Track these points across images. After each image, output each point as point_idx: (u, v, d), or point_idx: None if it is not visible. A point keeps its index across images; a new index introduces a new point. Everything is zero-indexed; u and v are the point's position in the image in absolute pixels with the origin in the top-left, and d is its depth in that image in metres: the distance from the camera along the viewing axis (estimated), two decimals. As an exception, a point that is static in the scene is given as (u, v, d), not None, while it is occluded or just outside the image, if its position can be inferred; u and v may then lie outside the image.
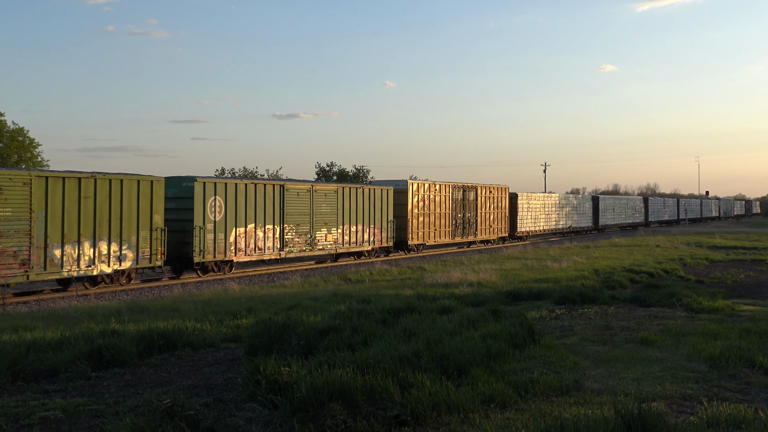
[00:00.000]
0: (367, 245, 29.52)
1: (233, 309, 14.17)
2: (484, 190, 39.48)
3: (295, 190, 25.62)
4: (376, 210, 29.95)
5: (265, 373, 7.10)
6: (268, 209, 24.26)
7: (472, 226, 38.17)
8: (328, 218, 27.21)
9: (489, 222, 40.07)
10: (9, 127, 44.58)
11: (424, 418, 6.51)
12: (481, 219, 39.04)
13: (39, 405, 7.26)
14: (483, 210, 39.35)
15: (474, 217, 38.33)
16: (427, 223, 34.03)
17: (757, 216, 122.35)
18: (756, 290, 18.21)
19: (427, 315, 11.68)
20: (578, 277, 20.60)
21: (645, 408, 6.02)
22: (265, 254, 24.08)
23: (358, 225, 28.97)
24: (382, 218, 30.39)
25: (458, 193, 36.89)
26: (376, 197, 30.03)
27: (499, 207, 41.20)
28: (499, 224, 41.24)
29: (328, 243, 27.25)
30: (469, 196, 37.82)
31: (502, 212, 41.70)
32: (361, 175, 67.10)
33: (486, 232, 39.83)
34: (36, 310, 15.53)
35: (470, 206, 37.90)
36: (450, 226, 36.00)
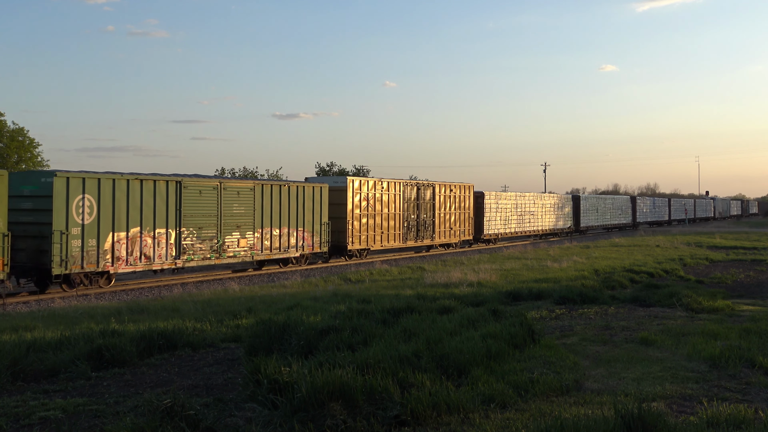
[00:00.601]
0: (294, 251, 25.63)
1: (233, 309, 14.17)
2: (443, 189, 35.73)
3: (196, 188, 21.64)
4: (306, 210, 26.11)
5: (265, 373, 7.10)
6: (160, 210, 20.36)
7: (429, 229, 34.47)
8: (242, 220, 23.24)
9: (450, 224, 36.23)
10: (9, 127, 44.59)
11: (424, 418, 6.51)
12: (440, 220, 35.28)
13: (39, 405, 7.26)
14: (442, 210, 35.53)
15: (431, 219, 34.61)
16: (373, 225, 30.27)
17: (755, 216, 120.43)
18: (756, 290, 18.22)
19: (427, 315, 11.67)
20: (578, 277, 20.60)
21: (645, 408, 6.02)
22: (154, 263, 20.25)
23: (283, 228, 25.08)
24: (314, 220, 26.52)
25: (411, 191, 33.14)
26: (306, 196, 26.21)
27: (462, 207, 37.35)
28: (462, 226, 37.38)
29: (242, 249, 23.22)
30: (425, 195, 34.15)
31: (466, 213, 37.87)
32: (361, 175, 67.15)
33: (446, 234, 35.96)
34: (36, 310, 15.53)
35: (426, 206, 34.25)
36: (401, 228, 32.25)
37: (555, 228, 49.65)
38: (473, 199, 38.99)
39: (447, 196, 36.06)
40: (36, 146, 45.72)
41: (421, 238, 33.92)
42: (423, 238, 34.08)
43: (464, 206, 37.66)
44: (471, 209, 38.38)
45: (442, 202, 35.52)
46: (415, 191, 33.45)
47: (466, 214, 37.86)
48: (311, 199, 26.54)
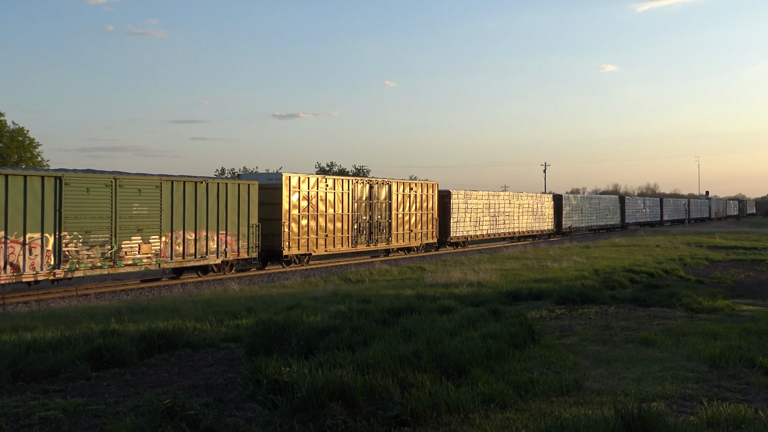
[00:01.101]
0: (214, 257, 22.32)
1: (233, 309, 14.17)
2: (401, 187, 32.64)
3: (82, 185, 18.42)
4: (230, 211, 22.82)
5: (265, 373, 7.10)
6: (33, 211, 17.17)
7: (384, 231, 31.22)
8: (144, 222, 19.90)
9: (410, 225, 33.12)
10: (9, 127, 44.64)
11: (424, 418, 6.51)
12: (397, 222, 32.15)
13: (39, 405, 7.26)
14: (400, 211, 32.39)
15: (387, 220, 31.35)
16: (315, 227, 27.12)
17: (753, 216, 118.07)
18: (756, 290, 18.22)
19: (427, 315, 11.68)
20: (578, 277, 20.60)
21: (645, 408, 6.02)
22: (25, 274, 16.99)
23: (200, 231, 21.74)
24: (240, 222, 23.21)
25: (363, 189, 30.01)
26: (230, 194, 22.89)
27: (424, 208, 34.26)
28: (425, 228, 34.26)
29: (144, 256, 19.89)
30: (379, 194, 30.96)
31: (429, 214, 34.71)
32: (361, 175, 67.16)
33: (405, 237, 32.81)
34: (36, 310, 15.53)
35: (382, 206, 31.06)
36: (350, 231, 29.03)
37: (533, 230, 46.57)
38: (438, 198, 35.85)
39: (406, 195, 32.93)
40: (36, 146, 45.83)
41: (374, 241, 30.59)
42: (377, 242, 30.81)
43: (427, 206, 34.55)
44: (435, 210, 35.23)
45: (400, 202, 32.46)
46: (368, 190, 30.25)
47: (429, 215, 34.73)
48: (236, 198, 23.15)
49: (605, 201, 60.60)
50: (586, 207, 55.68)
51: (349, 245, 29.15)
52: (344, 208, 28.82)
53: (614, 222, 61.55)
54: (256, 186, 24.32)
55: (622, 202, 64.10)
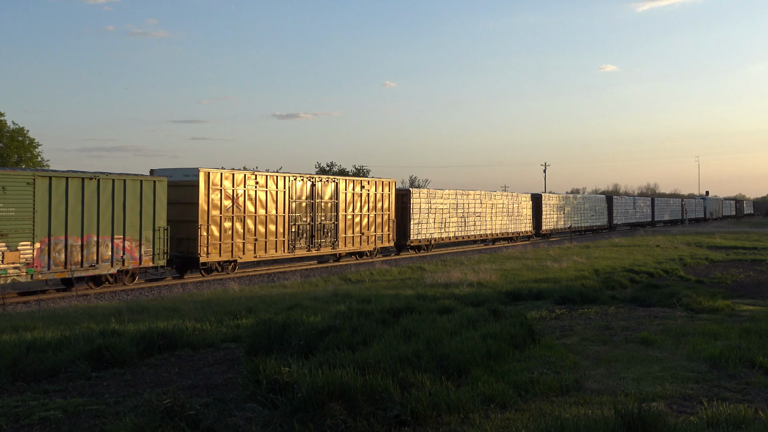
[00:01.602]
0: (108, 266, 19.08)
1: (233, 309, 14.16)
2: (350, 185, 29.43)
3: None
4: (130, 212, 19.50)
5: (265, 373, 7.10)
6: None
7: (329, 235, 28.00)
8: (10, 225, 16.72)
9: (361, 228, 29.89)
10: (9, 127, 44.63)
11: (424, 418, 6.51)
12: (346, 224, 28.93)
13: (39, 405, 7.26)
14: (350, 212, 29.18)
15: (333, 222, 28.16)
16: (242, 231, 23.71)
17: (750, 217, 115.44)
18: (756, 290, 18.21)
19: (427, 315, 11.68)
20: (578, 277, 20.60)
21: (645, 408, 6.02)
22: None
23: (89, 235, 18.53)
24: (142, 224, 19.85)
25: (303, 187, 26.68)
26: (130, 193, 19.54)
27: (379, 208, 31.03)
28: (380, 231, 31.04)
29: (11, 266, 16.73)
30: (323, 193, 27.72)
31: (386, 215, 31.47)
32: (361, 175, 67.15)
33: (356, 241, 29.62)
34: (36, 310, 15.53)
35: (326, 207, 27.87)
36: (286, 234, 25.58)
37: (509, 232, 43.09)
38: (396, 198, 32.81)
39: (356, 194, 29.65)
40: (36, 146, 45.80)
41: (317, 246, 27.26)
42: (320, 246, 27.50)
43: (383, 207, 31.32)
44: (392, 211, 32.05)
45: (349, 202, 29.20)
46: (309, 188, 26.99)
47: (385, 217, 31.47)
48: (137, 198, 19.80)
49: (590, 201, 56.92)
50: (569, 207, 51.80)
51: (285, 250, 25.58)
52: (280, 209, 25.34)
53: (601, 223, 58.16)
54: (165, 183, 20.82)
55: (610, 201, 60.58)
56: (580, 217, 53.53)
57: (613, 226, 60.10)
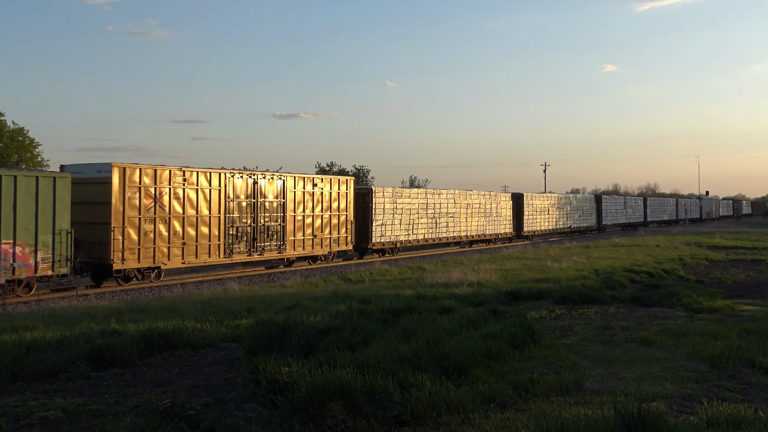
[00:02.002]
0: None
1: (233, 309, 14.17)
2: (301, 183, 26.45)
3: None
4: (22, 213, 17.02)
5: (265, 373, 7.10)
6: None
7: (275, 237, 25.10)
8: None
9: (314, 230, 27.00)
10: (9, 127, 44.62)
11: (424, 418, 6.51)
12: (295, 226, 26.05)
13: (39, 405, 7.26)
14: (300, 212, 26.25)
15: (280, 224, 25.30)
16: (167, 234, 20.95)
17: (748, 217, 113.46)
18: (756, 290, 18.21)
19: (427, 315, 11.67)
20: (578, 277, 20.60)
21: (645, 408, 6.02)
22: None
23: None
24: (38, 227, 17.36)
25: (242, 185, 23.78)
26: (22, 192, 17.06)
27: (335, 208, 28.16)
28: (336, 233, 28.26)
29: None
30: (267, 191, 24.81)
31: (342, 215, 28.61)
32: (361, 175, 67.12)
33: (307, 244, 26.72)
34: (36, 310, 15.53)
35: (272, 206, 25.03)
36: (222, 237, 22.84)
37: (486, 234, 40.27)
38: (356, 197, 30.05)
39: (308, 192, 26.81)
40: (36, 146, 45.79)
41: (259, 250, 24.41)
42: (264, 250, 24.64)
43: (339, 207, 28.42)
44: (351, 211, 29.15)
45: (299, 201, 26.36)
46: (251, 186, 24.15)
47: (342, 218, 28.61)
48: (32, 197, 17.26)
49: (578, 201, 53.35)
50: (554, 208, 48.62)
51: (221, 255, 22.85)
52: (214, 209, 22.65)
53: (589, 224, 54.87)
54: (68, 181, 18.19)
55: (599, 201, 57.26)
56: (566, 218, 50.58)
57: (602, 227, 57.49)
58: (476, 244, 40.67)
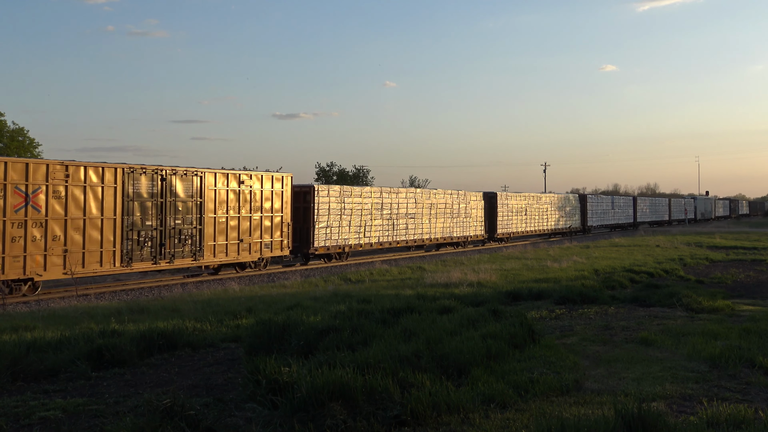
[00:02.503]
0: None
1: (233, 309, 14.17)
2: (223, 180, 23.00)
3: None
4: None
5: (265, 373, 7.10)
6: None
7: (189, 242, 21.58)
8: None
9: (240, 233, 23.49)
10: (9, 127, 44.61)
11: (424, 418, 6.51)
12: (216, 229, 22.53)
13: (39, 405, 7.25)
14: (222, 213, 22.80)
15: (195, 226, 21.77)
16: (43, 239, 17.85)
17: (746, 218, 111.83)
18: (756, 290, 18.22)
19: (427, 315, 11.67)
20: (578, 277, 20.60)
21: (645, 408, 6.02)
22: None
23: None
24: None
25: (146, 183, 20.33)
26: None
27: (267, 208, 24.75)
28: (268, 237, 24.76)
29: None
30: (179, 190, 21.28)
31: (277, 217, 25.15)
32: (361, 175, 67.14)
33: (231, 250, 23.19)
34: (36, 310, 15.53)
35: (185, 207, 21.48)
36: (119, 243, 19.44)
37: (453, 236, 36.84)
38: (295, 196, 26.80)
39: (233, 191, 23.32)
40: (36, 146, 45.76)
41: (169, 256, 20.89)
42: (174, 257, 21.09)
43: (272, 207, 24.98)
44: (287, 211, 25.73)
45: (223, 200, 22.88)
46: (158, 183, 20.73)
47: (276, 219, 25.17)
48: None
49: (559, 201, 50.02)
50: (533, 208, 45.44)
51: (117, 264, 19.47)
52: (109, 210, 19.26)
53: (572, 225, 51.70)
54: None
55: (583, 201, 53.94)
56: (546, 219, 47.32)
57: (587, 228, 54.22)
58: (444, 248, 37.51)
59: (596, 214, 56.08)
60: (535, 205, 45.75)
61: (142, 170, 20.35)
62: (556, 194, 50.44)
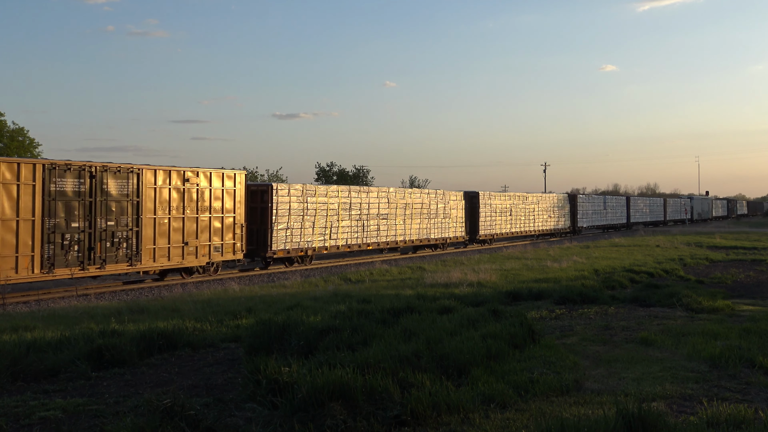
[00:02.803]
0: None
1: (233, 309, 14.17)
2: (164, 177, 20.77)
3: None
4: None
5: (265, 373, 7.10)
6: None
7: (124, 245, 19.49)
8: None
9: (185, 236, 21.31)
10: (9, 127, 44.61)
11: (424, 418, 6.51)
12: (156, 231, 20.42)
13: (39, 405, 7.25)
14: (163, 213, 20.65)
15: (131, 228, 19.69)
16: None
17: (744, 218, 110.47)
18: (756, 290, 18.22)
19: (427, 315, 11.67)
20: (578, 277, 20.60)
21: (645, 408, 6.02)
22: None
23: None
24: None
25: (72, 181, 18.38)
26: None
27: (218, 208, 22.61)
28: (219, 239, 22.61)
29: None
30: (111, 189, 19.25)
31: (229, 217, 23.04)
32: (361, 175, 67.15)
33: (174, 254, 21.03)
34: (36, 310, 15.53)
35: (119, 207, 19.41)
36: (38, 247, 17.46)
37: (430, 238, 35.04)
38: (250, 195, 25.03)
39: (178, 189, 21.21)
40: (36, 146, 45.76)
41: (99, 261, 18.87)
42: (107, 262, 19.07)
43: (222, 207, 22.83)
44: (241, 211, 23.70)
45: (164, 200, 20.76)
46: (87, 181, 18.70)
47: (228, 220, 23.04)
48: None
49: (548, 200, 48.20)
50: (517, 208, 43.51)
51: (36, 270, 17.43)
52: (26, 211, 17.27)
53: (561, 226, 49.79)
54: None
55: (573, 201, 51.94)
56: (532, 220, 45.45)
57: (577, 229, 52.17)
58: (420, 251, 35.65)
59: (587, 215, 54.41)
60: (520, 205, 44.11)
61: (67, 167, 18.24)
62: (543, 194, 48.86)
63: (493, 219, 40.60)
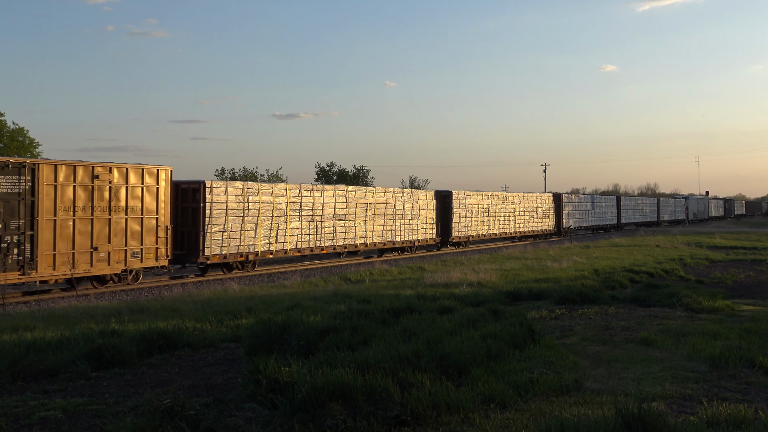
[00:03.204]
0: None
1: (233, 309, 14.17)
2: (68, 174, 18.12)
3: None
4: None
5: (265, 373, 7.10)
6: None
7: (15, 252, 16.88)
8: None
9: (94, 240, 18.61)
10: (9, 127, 44.61)
11: (424, 418, 6.51)
12: (57, 235, 17.77)
13: (39, 405, 7.26)
14: (66, 215, 17.95)
15: (25, 231, 17.04)
16: None
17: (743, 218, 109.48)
18: (756, 290, 18.22)
19: (427, 315, 11.67)
20: (578, 277, 20.60)
21: (645, 408, 6.02)
22: None
23: None
24: None
25: None
26: None
27: (136, 209, 19.81)
28: (138, 243, 19.80)
29: None
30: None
31: (151, 219, 20.25)
32: (361, 175, 67.14)
33: (82, 261, 18.37)
34: (36, 310, 15.53)
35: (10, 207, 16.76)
36: None
37: (394, 242, 32.09)
38: (181, 194, 22.25)
39: (85, 187, 18.53)
40: (36, 146, 45.76)
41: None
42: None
43: (143, 207, 20.03)
44: (166, 212, 20.79)
45: (69, 199, 18.13)
46: None
47: (150, 222, 20.25)
48: None
49: (529, 200, 45.36)
50: (497, 208, 41.05)
51: None
52: None
53: (545, 227, 47.39)
54: None
55: (558, 201, 49.31)
56: (513, 221, 42.94)
57: (563, 230, 49.75)
58: (386, 254, 32.76)
59: (574, 215, 51.75)
60: (500, 205, 41.41)
61: None
62: (525, 193, 45.78)
63: (468, 220, 37.97)
